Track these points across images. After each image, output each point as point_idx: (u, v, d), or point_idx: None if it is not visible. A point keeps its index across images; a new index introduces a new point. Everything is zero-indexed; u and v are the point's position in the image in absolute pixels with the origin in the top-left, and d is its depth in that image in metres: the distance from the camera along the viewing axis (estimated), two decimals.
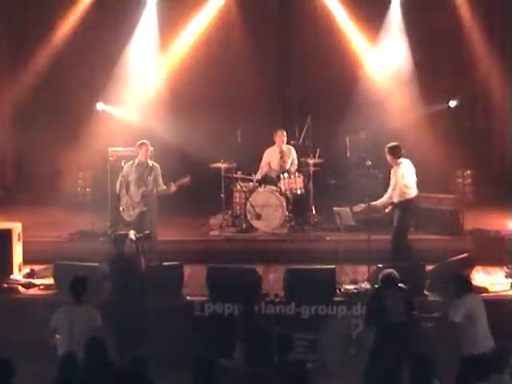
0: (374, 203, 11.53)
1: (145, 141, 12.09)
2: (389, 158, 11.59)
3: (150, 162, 12.04)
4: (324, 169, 14.14)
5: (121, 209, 12.03)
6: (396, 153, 11.54)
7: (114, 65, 14.88)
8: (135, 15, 15.06)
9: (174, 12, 15.03)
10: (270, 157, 13.93)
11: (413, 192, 11.57)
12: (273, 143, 13.90)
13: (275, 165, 13.85)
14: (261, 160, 13.93)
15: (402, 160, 11.57)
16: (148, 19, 15.14)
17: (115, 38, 14.84)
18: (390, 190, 11.58)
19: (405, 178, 11.48)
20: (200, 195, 13.48)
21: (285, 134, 13.80)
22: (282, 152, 13.84)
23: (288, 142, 13.93)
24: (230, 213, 13.92)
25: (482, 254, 11.85)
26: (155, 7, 15.14)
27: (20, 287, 11.26)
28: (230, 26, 15.13)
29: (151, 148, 12.17)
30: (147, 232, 10.95)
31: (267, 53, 15.15)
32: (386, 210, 11.57)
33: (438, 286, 10.88)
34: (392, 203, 11.51)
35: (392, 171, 11.60)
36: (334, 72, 14.79)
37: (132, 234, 10.23)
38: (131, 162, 12.09)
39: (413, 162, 11.50)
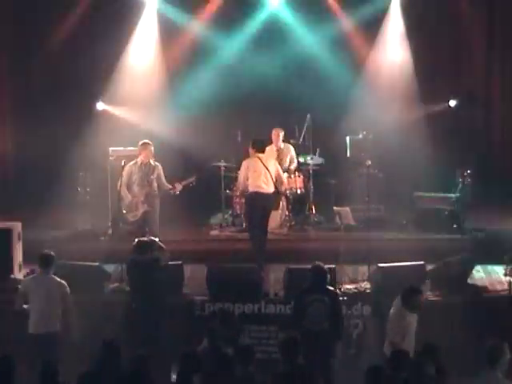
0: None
1: (147, 141, 12.07)
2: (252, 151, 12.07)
3: (152, 162, 12.03)
4: (324, 168, 14.14)
5: (123, 209, 12.01)
6: (253, 147, 12.06)
7: (114, 65, 14.87)
8: (135, 15, 15.05)
9: (174, 11, 15.02)
10: (268, 155, 13.90)
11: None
12: (271, 142, 13.88)
13: None
14: None
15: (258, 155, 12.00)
16: (148, 19, 15.13)
17: (115, 38, 14.82)
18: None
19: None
20: (200, 195, 13.48)
21: (281, 132, 13.71)
22: (279, 150, 13.80)
23: (287, 141, 13.91)
24: (230, 212, 13.92)
25: (482, 253, 11.86)
26: (155, 7, 15.13)
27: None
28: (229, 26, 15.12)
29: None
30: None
31: (267, 52, 15.09)
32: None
33: (438, 286, 10.91)
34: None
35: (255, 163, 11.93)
36: (335, 71, 14.77)
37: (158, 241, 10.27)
38: (133, 161, 12.05)
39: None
